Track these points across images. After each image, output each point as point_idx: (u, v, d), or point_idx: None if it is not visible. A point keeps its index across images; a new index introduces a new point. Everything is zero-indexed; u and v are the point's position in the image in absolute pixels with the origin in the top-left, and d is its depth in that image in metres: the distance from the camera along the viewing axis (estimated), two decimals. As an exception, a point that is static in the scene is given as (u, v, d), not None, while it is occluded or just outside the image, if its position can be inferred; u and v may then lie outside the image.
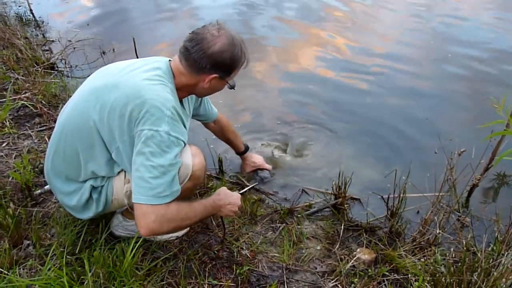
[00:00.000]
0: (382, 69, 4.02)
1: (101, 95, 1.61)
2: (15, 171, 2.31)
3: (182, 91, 1.76)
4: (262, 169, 2.62)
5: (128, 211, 1.90)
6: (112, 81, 1.64)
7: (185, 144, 1.66)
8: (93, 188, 1.75)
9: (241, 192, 2.27)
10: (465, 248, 1.82)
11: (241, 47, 1.68)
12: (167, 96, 1.59)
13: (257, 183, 2.56)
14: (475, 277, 1.56)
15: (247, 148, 2.61)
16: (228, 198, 1.84)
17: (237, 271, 1.89)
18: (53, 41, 4.46)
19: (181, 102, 1.82)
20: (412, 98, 3.58)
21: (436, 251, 1.94)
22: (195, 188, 1.88)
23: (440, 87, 3.74)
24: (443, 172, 2.17)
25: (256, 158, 2.63)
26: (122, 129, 1.57)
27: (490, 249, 1.88)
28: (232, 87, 1.79)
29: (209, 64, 1.63)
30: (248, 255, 2.00)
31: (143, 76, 1.62)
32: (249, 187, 2.48)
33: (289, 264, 1.98)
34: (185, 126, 1.70)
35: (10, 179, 2.32)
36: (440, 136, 2.39)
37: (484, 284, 1.54)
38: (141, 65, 1.68)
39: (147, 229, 1.53)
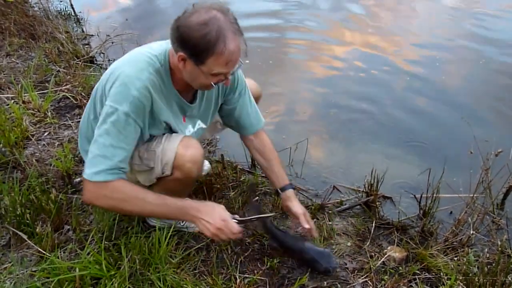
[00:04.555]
0: (417, 68, 3.97)
1: (110, 69, 1.64)
2: (56, 159, 2.41)
3: (180, 77, 1.62)
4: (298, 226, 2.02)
5: None
6: (121, 58, 1.68)
7: (143, 135, 1.63)
8: None
9: (238, 220, 1.66)
10: (499, 249, 1.79)
11: (220, 34, 1.43)
12: (141, 75, 1.53)
13: (260, 216, 1.90)
14: (509, 279, 1.54)
15: (291, 186, 2.01)
16: (206, 215, 1.59)
17: (268, 263, 1.92)
18: (92, 35, 4.60)
19: (186, 91, 1.71)
20: (448, 97, 3.52)
21: (469, 252, 1.92)
22: (187, 182, 1.76)
23: (476, 86, 3.67)
24: (478, 173, 2.14)
25: (298, 208, 1.94)
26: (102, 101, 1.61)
27: (525, 251, 1.85)
28: (215, 83, 1.57)
29: (176, 38, 1.48)
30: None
31: (138, 54, 1.61)
32: (249, 218, 1.81)
33: (319, 258, 1.99)
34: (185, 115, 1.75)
35: (52, 166, 2.42)
36: (476, 136, 2.35)
37: (519, 286, 1.52)
38: (150, 44, 1.68)
39: (85, 200, 1.60)
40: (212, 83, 1.57)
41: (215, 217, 1.60)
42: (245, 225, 1.93)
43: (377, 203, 2.32)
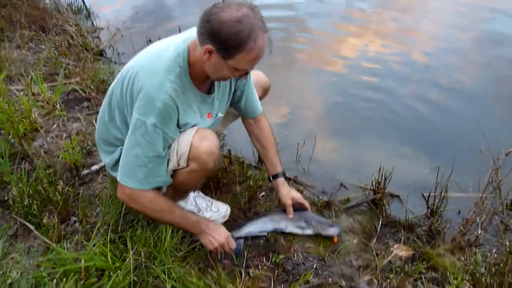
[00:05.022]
0: (427, 66, 3.93)
1: (126, 70, 1.69)
2: (64, 151, 2.42)
3: (199, 69, 1.63)
4: (301, 207, 2.11)
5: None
6: (137, 58, 1.72)
7: (173, 139, 1.68)
8: None
9: (236, 237, 1.93)
10: (508, 250, 1.77)
11: (253, 31, 1.47)
12: (164, 86, 1.56)
13: (256, 235, 2.04)
14: (517, 280, 1.53)
15: (284, 174, 2.13)
16: (214, 231, 1.82)
17: (273, 259, 1.92)
18: (102, 28, 4.60)
19: (203, 82, 1.72)
20: (458, 95, 3.48)
21: (477, 252, 1.90)
22: (203, 173, 1.80)
23: (487, 85, 3.62)
24: (488, 173, 2.12)
25: (295, 192, 2.13)
26: (131, 105, 1.63)
27: (534, 253, 1.82)
28: (237, 78, 1.68)
29: (206, 30, 1.49)
30: (284, 244, 2.02)
31: (157, 60, 1.63)
32: (246, 235, 2.01)
33: (325, 256, 1.99)
34: (205, 113, 1.77)
35: (59, 159, 2.43)
36: (486, 135, 2.32)
37: (527, 287, 1.50)
38: (166, 44, 1.69)
39: (120, 198, 1.75)
40: (233, 77, 1.64)
41: (219, 234, 1.83)
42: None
43: (384, 201, 2.30)
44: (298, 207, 2.11)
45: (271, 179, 2.13)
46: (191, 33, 1.64)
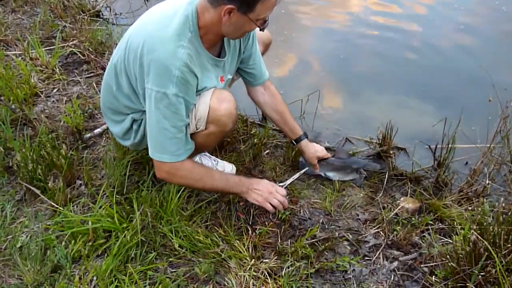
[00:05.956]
0: (433, 16, 3.82)
1: (132, 38, 1.63)
2: (66, 115, 2.40)
3: (210, 33, 1.60)
4: (324, 160, 2.16)
5: None
6: (143, 26, 1.64)
7: (194, 105, 1.65)
8: (134, 120, 1.81)
9: (281, 185, 1.94)
10: (516, 199, 1.76)
11: None
12: (178, 53, 1.52)
13: (298, 175, 2.09)
14: (525, 228, 1.51)
15: (306, 135, 2.11)
16: (258, 184, 1.80)
17: (279, 215, 1.92)
18: (98, -11, 4.46)
19: (213, 46, 1.69)
20: (465, 44, 3.39)
21: (485, 202, 1.88)
22: (221, 135, 1.80)
23: (495, 32, 3.52)
24: (496, 122, 2.07)
25: (319, 149, 2.16)
26: (141, 76, 1.59)
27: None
28: (261, 28, 1.61)
29: None
30: (291, 200, 2.02)
31: (165, 25, 1.57)
32: (291, 180, 2.04)
33: (331, 210, 1.99)
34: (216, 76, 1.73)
35: (61, 123, 2.41)
36: (495, 84, 2.26)
37: (535, 235, 1.49)
38: (171, 8, 1.62)
39: (160, 177, 1.72)
40: (258, 28, 1.61)
41: (264, 185, 1.81)
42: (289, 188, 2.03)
43: (391, 154, 2.28)
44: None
45: (294, 143, 2.10)
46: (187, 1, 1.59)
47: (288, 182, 2.02)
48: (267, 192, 1.79)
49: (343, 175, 2.16)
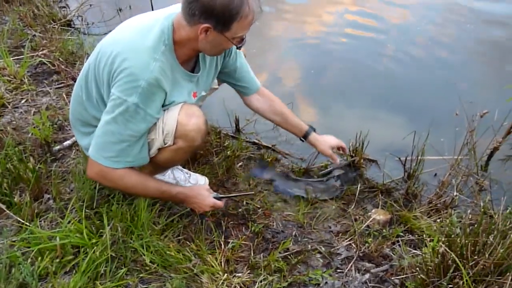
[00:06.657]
0: (401, 28, 3.92)
1: (104, 47, 1.61)
2: (34, 127, 2.34)
3: (185, 48, 1.60)
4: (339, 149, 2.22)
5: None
6: (117, 35, 1.63)
7: (156, 119, 1.63)
8: None
9: (219, 197, 1.86)
10: (482, 210, 1.79)
11: None
12: (150, 66, 1.51)
13: (239, 194, 2.08)
14: (491, 239, 1.55)
15: (312, 128, 2.13)
16: (196, 198, 1.79)
17: (252, 228, 1.92)
18: (69, -3, 4.41)
19: (187, 61, 1.69)
20: (433, 58, 3.48)
21: (453, 213, 1.92)
22: (189, 150, 1.77)
23: (462, 47, 3.63)
24: (463, 135, 2.13)
25: (330, 140, 2.17)
26: (108, 83, 1.58)
27: (508, 212, 1.85)
28: (238, 47, 1.62)
29: (198, 10, 1.46)
30: (264, 213, 2.02)
31: (141, 36, 1.56)
32: (229, 196, 2.00)
33: (304, 222, 1.99)
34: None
35: (29, 135, 2.35)
36: (461, 98, 2.33)
37: (500, 246, 1.53)
38: (148, 21, 1.62)
39: (90, 176, 1.72)
40: (234, 46, 1.63)
41: (204, 200, 1.80)
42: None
43: (362, 166, 2.31)
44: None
45: (303, 139, 2.13)
46: (173, 9, 1.60)
47: (227, 196, 1.97)
48: (205, 209, 1.81)
49: (318, 192, 2.16)
